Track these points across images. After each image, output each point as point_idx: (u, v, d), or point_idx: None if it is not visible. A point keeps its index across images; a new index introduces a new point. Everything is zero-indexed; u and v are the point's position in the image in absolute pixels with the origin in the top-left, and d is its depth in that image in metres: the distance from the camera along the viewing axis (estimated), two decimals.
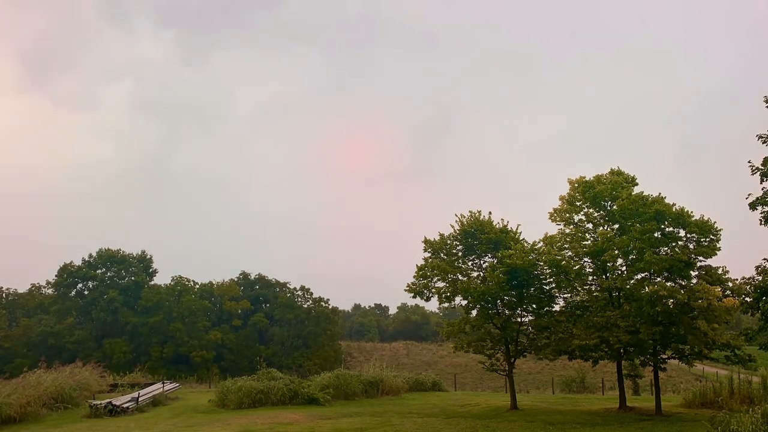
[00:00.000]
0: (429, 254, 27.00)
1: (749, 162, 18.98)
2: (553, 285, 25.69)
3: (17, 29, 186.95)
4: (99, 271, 77.99)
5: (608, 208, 25.08)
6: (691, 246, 23.30)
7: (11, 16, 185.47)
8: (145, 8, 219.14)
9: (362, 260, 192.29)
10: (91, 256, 78.69)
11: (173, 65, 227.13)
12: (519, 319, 26.70)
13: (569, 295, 26.01)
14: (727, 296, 22.80)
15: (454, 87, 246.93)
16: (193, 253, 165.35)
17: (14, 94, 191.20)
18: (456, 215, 26.74)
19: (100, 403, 26.15)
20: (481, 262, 26.87)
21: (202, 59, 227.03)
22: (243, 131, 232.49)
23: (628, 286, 23.31)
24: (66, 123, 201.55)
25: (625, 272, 23.92)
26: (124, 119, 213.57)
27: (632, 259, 23.69)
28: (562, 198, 26.43)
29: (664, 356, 24.46)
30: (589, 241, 25.06)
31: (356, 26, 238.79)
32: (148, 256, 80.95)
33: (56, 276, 78.00)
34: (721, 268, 23.37)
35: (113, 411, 25.63)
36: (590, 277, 25.24)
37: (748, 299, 20.01)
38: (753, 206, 19.05)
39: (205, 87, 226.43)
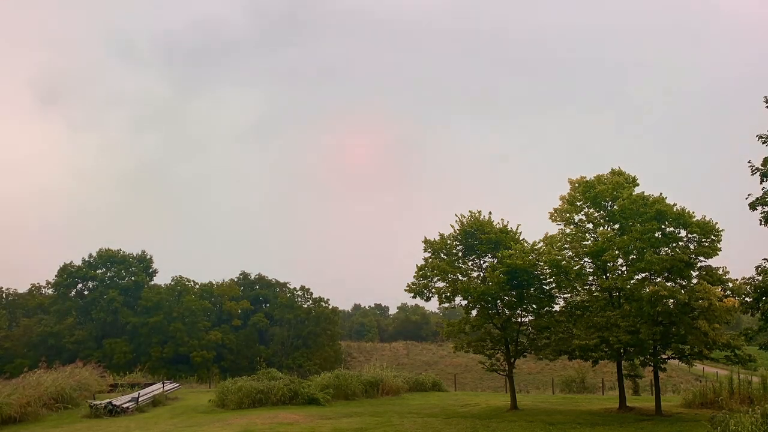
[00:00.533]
0: (429, 254, 26.98)
1: (749, 162, 19.01)
2: (553, 285, 25.68)
3: (34, 62, 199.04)
4: (99, 271, 77.93)
5: (609, 208, 25.07)
6: (692, 246, 23.30)
7: (30, 51, 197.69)
8: (148, 47, 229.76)
9: (362, 260, 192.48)
10: (91, 256, 78.66)
11: (171, 92, 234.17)
12: (519, 319, 26.69)
13: (569, 295, 26.00)
14: (727, 296, 22.80)
15: (454, 88, 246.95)
16: (193, 253, 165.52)
17: (31, 114, 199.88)
18: (456, 215, 26.79)
19: (100, 403, 26.15)
20: (481, 262, 26.86)
21: (196, 88, 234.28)
22: (243, 139, 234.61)
23: (628, 286, 23.28)
24: (73, 139, 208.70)
25: (626, 272, 23.90)
26: (126, 135, 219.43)
27: (632, 259, 23.68)
28: (562, 198, 26.42)
29: (664, 356, 24.45)
30: (590, 241, 25.05)
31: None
32: (148, 256, 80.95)
33: (56, 276, 77.95)
34: (721, 269, 23.39)
35: (113, 411, 25.62)
36: (590, 277, 25.23)
37: (748, 299, 20.01)
38: (753, 206, 19.05)
39: (201, 108, 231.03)
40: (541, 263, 25.02)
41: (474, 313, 26.82)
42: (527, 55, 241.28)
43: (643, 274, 23.59)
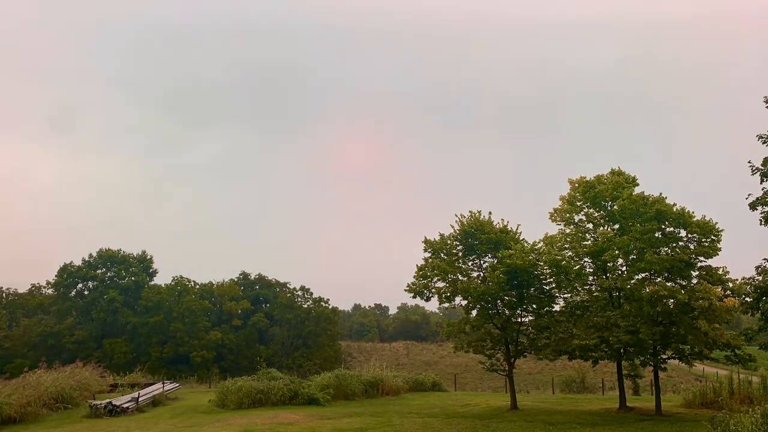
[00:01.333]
0: (429, 254, 26.96)
1: (749, 162, 19.01)
2: (553, 285, 25.67)
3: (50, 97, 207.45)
4: (99, 271, 77.89)
5: (609, 208, 25.07)
6: (692, 246, 23.29)
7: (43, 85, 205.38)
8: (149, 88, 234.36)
9: (362, 260, 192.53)
10: (91, 256, 78.63)
11: (174, 124, 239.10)
12: (519, 319, 26.68)
13: (569, 295, 25.99)
14: (727, 296, 22.78)
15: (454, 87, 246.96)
16: (193, 253, 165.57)
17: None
18: (456, 215, 26.76)
19: (100, 403, 26.14)
20: (481, 262, 26.84)
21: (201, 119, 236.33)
22: (242, 147, 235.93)
23: (628, 286, 23.27)
24: (84, 162, 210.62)
25: (626, 272, 23.89)
26: (131, 156, 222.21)
27: (632, 259, 23.66)
28: (562, 198, 26.42)
29: (664, 356, 24.44)
30: (590, 241, 25.05)
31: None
32: (148, 256, 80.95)
33: (56, 276, 77.91)
34: (721, 269, 23.38)
35: (113, 411, 25.62)
36: (590, 277, 25.21)
37: (748, 299, 20.00)
38: (753, 206, 19.04)
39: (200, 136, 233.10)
40: (541, 263, 25.01)
41: (474, 313, 26.80)
42: (525, 58, 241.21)
43: (643, 274, 23.58)
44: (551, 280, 25.48)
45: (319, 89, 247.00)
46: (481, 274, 26.41)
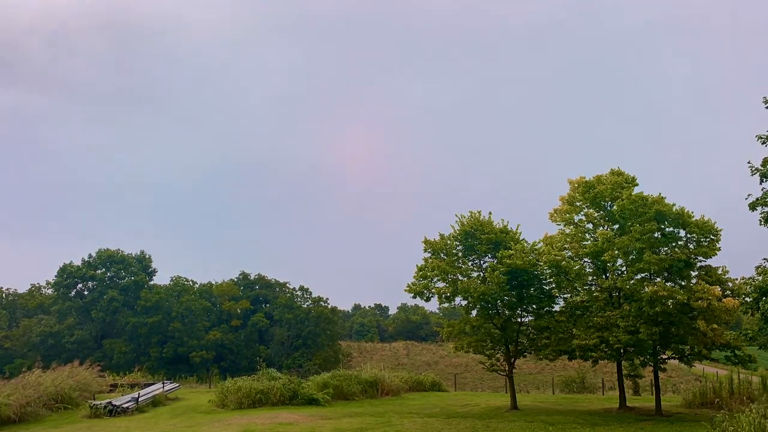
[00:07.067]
0: (429, 254, 26.94)
1: (749, 163, 19.00)
2: (553, 285, 25.66)
3: None
4: (99, 271, 78.01)
5: (608, 208, 25.08)
6: (691, 246, 23.29)
7: None
8: None
9: (362, 260, 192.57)
10: (90, 256, 78.77)
11: None
12: (519, 320, 26.67)
13: (569, 295, 25.98)
14: (727, 296, 22.79)
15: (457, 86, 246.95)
16: (193, 253, 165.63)
17: None
18: (456, 215, 26.72)
19: (100, 404, 26.13)
20: (482, 262, 26.81)
21: None
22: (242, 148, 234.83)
23: (628, 287, 23.28)
24: None
25: (625, 272, 23.90)
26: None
27: (632, 259, 23.66)
28: (562, 198, 26.43)
29: (663, 356, 24.45)
30: (589, 242, 25.05)
31: None
32: (147, 256, 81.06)
33: (56, 276, 78.03)
34: (720, 268, 23.38)
35: (113, 411, 25.60)
36: (590, 278, 25.22)
37: (747, 299, 19.99)
38: (753, 207, 19.04)
39: None
40: (541, 263, 25.01)
41: (474, 313, 26.79)
42: (527, 55, 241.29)
43: (643, 275, 23.58)
44: (551, 280, 25.46)
45: (318, 89, 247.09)
46: (481, 275, 26.38)
